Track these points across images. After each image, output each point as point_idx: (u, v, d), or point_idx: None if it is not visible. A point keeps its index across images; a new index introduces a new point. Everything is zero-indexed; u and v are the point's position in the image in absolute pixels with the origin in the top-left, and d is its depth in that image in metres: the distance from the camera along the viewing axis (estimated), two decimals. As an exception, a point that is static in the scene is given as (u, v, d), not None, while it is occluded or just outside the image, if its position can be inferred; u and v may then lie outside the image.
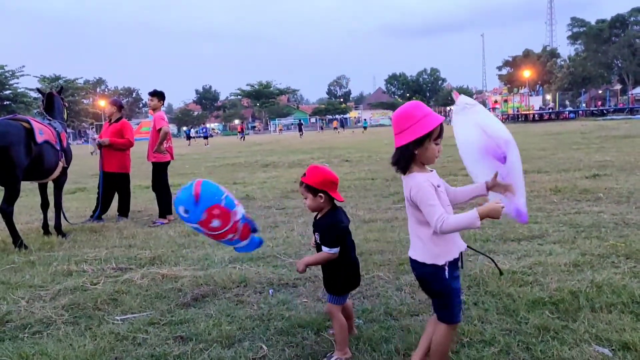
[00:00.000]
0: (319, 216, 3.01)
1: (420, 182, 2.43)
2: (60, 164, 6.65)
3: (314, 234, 3.02)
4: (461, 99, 2.81)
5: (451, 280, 2.53)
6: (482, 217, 2.34)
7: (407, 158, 2.47)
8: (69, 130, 10.49)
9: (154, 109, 7.97)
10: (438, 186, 2.48)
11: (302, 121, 66.24)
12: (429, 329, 2.75)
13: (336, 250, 2.87)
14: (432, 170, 2.56)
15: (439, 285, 2.54)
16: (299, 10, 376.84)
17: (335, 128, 68.66)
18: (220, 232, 3.04)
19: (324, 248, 2.88)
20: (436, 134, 2.45)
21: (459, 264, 2.60)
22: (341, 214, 3.00)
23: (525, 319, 3.31)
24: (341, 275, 2.95)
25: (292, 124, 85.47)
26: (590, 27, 73.97)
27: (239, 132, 53.97)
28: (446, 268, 2.51)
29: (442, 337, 2.62)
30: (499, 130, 2.68)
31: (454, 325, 2.65)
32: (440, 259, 2.50)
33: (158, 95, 7.89)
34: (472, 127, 2.71)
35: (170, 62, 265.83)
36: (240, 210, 3.11)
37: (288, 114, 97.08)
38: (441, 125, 2.46)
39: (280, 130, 74.47)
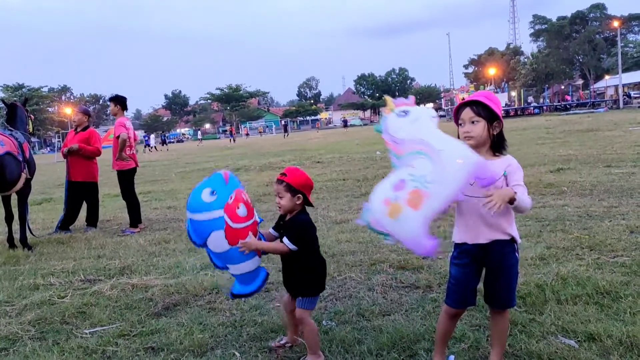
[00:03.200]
0: (288, 217, 3.01)
1: None
2: (23, 176, 6.49)
3: (283, 235, 2.99)
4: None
5: (451, 263, 2.68)
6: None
7: None
8: (33, 139, 10.28)
9: (115, 115, 7.84)
10: None
11: (287, 122, 71.48)
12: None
13: (295, 248, 2.88)
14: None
15: None
16: (266, 13, 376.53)
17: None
18: (244, 224, 2.80)
19: (286, 241, 2.88)
20: (457, 119, 2.66)
21: (469, 253, 2.59)
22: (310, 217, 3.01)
23: (494, 314, 3.37)
24: (316, 275, 2.99)
25: (265, 126, 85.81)
26: (552, 24, 75.63)
27: (230, 133, 58.52)
28: (451, 249, 2.70)
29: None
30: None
31: (445, 307, 2.72)
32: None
33: (116, 100, 7.75)
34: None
35: (138, 67, 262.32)
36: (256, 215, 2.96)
37: (259, 117, 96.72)
38: (458, 109, 2.66)
39: (261, 132, 75.59)
